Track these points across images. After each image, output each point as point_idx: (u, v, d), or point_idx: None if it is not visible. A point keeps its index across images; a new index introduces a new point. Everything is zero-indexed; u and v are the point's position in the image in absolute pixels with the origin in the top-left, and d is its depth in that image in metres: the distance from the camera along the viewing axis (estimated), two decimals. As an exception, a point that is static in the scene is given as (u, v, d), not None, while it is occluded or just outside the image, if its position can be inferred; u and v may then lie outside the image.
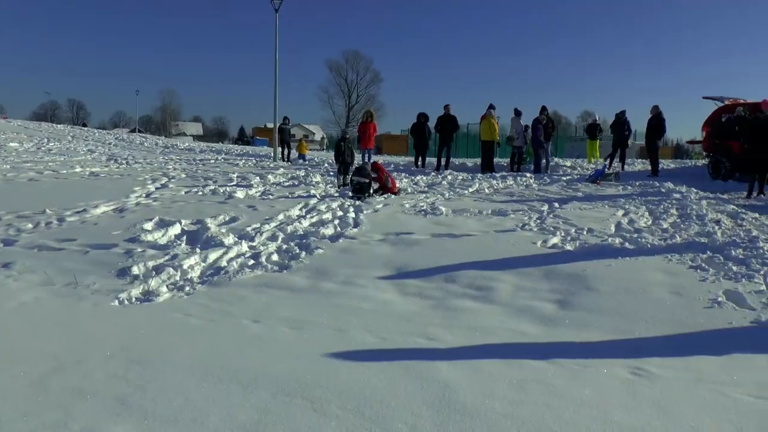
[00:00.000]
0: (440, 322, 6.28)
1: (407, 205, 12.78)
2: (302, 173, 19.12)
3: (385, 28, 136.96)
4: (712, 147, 18.95)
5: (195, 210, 11.67)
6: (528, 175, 19.11)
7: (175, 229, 9.84)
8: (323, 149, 61.01)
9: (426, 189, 15.87)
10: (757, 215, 11.95)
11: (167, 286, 7.38)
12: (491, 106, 20.97)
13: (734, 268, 7.90)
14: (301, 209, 12.20)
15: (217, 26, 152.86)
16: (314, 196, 14.04)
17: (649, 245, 9.14)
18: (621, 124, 21.69)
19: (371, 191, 14.06)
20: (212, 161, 25.13)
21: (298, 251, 8.83)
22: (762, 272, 7.64)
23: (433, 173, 19.70)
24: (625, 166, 22.30)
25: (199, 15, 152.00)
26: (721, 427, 4.13)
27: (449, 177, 18.37)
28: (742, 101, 19.81)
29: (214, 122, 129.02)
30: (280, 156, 27.71)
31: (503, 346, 5.61)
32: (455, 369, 4.96)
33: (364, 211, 11.83)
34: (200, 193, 14.14)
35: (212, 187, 14.95)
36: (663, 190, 15.42)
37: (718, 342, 5.76)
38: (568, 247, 9.09)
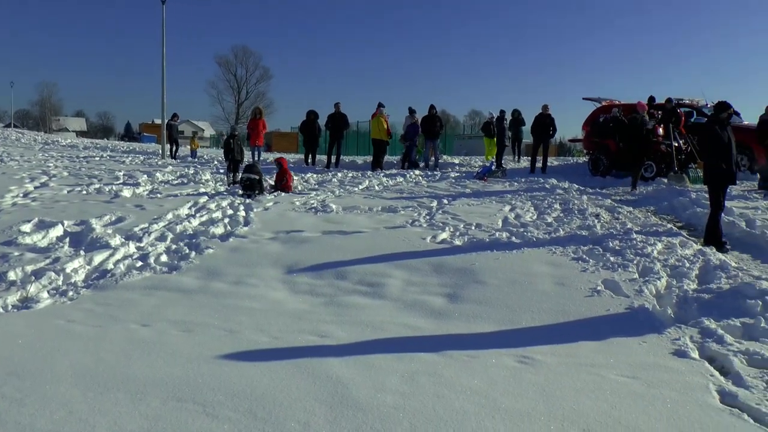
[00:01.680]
0: (332, 318, 6.32)
1: (298, 203, 12.73)
2: (191, 171, 18.68)
3: (274, 24, 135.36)
4: (591, 145, 19.87)
5: (78, 210, 11.18)
6: (417, 172, 19.39)
7: (57, 231, 9.40)
8: (214, 146, 59.80)
9: (316, 187, 15.85)
10: (631, 209, 12.65)
11: (48, 291, 7.05)
12: (381, 105, 21.16)
13: (611, 258, 8.35)
14: (190, 208, 11.94)
15: (101, 17, 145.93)
16: (204, 194, 13.76)
17: (534, 239, 9.50)
18: (517, 123, 22.48)
19: (261, 189, 13.92)
20: (97, 158, 24.16)
21: (187, 251, 8.65)
22: (635, 262, 8.09)
23: (323, 171, 19.69)
24: (511, 164, 23.01)
25: (82, 2, 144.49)
26: (599, 407, 4.38)
27: (340, 175, 18.40)
28: (617, 102, 20.94)
29: (99, 117, 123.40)
30: (168, 153, 26.94)
31: (394, 340, 5.71)
32: (347, 365, 5.00)
33: (255, 210, 11.70)
34: (84, 192, 13.55)
35: (97, 186, 14.36)
36: (547, 186, 16.01)
37: (597, 328, 6.10)
38: (457, 242, 9.32)
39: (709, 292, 7.09)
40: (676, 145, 16.65)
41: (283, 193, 14.30)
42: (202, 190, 14.48)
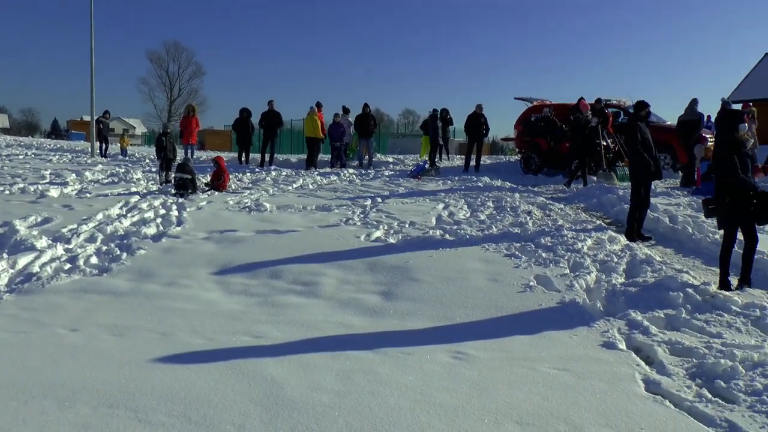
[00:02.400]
0: (266, 318, 6.28)
1: (231, 202, 12.60)
2: (122, 170, 18.26)
3: (207, 20, 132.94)
4: (523, 144, 20.24)
5: (1, 211, 10.79)
6: (351, 171, 19.42)
7: (-25, 234, 9.06)
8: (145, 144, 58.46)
9: (250, 185, 15.71)
10: (562, 206, 12.95)
11: (-33, 297, 6.79)
12: (318, 104, 21.08)
13: (543, 254, 8.54)
14: (121, 208, 11.67)
15: (24, 6, 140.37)
16: (135, 193, 13.48)
17: (467, 236, 9.63)
18: (445, 122, 22.64)
19: (194, 188, 13.72)
20: (21, 157, 23.36)
21: (118, 252, 8.46)
22: (566, 258, 8.31)
23: (257, 169, 19.50)
24: (444, 162, 23.20)
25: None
26: (531, 399, 4.49)
27: (273, 173, 18.27)
28: (548, 102, 21.39)
29: (23, 114, 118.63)
30: (98, 151, 26.19)
31: (329, 339, 5.72)
32: (282, 365, 4.99)
33: (188, 209, 11.53)
34: (7, 192, 13.07)
35: (21, 186, 13.87)
36: (480, 184, 16.25)
37: (529, 323, 6.23)
38: (391, 240, 9.38)
39: (635, 285, 7.34)
40: (605, 144, 17.11)
41: (216, 192, 14.13)
42: (134, 189, 14.18)
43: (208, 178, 14.95)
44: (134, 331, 5.84)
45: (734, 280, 7.44)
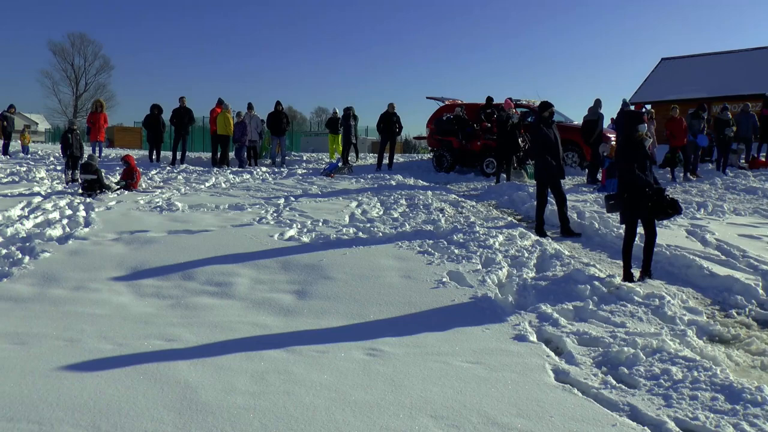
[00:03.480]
0: (179, 321, 6.17)
1: (142, 202, 12.29)
2: (24, 168, 17.49)
3: (115, 11, 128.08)
4: (435, 142, 20.53)
5: None
6: (264, 169, 19.23)
7: None
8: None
9: (161, 184, 15.35)
10: (474, 203, 13.22)
11: None
12: (221, 101, 20.72)
13: (456, 251, 8.70)
14: (23, 209, 11.20)
15: None
16: (38, 193, 12.94)
17: (381, 234, 9.71)
18: (350, 120, 22.65)
19: (102, 187, 13.30)
20: None
21: (20, 256, 8.11)
22: (478, 254, 8.49)
23: (168, 168, 19.06)
24: (359, 160, 23.27)
25: None
26: (445, 393, 4.59)
27: (185, 172, 17.92)
28: (460, 102, 21.78)
29: None
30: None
31: (244, 340, 5.67)
32: (196, 368, 4.92)
33: (96, 209, 11.17)
34: None
35: None
36: (393, 182, 16.36)
37: (442, 318, 6.34)
38: (305, 238, 9.36)
39: (545, 279, 7.58)
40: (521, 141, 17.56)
41: (126, 192, 13.74)
42: (37, 189, 13.60)
43: (118, 177, 14.51)
44: (38, 338, 5.62)
45: (636, 272, 7.79)
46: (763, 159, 19.96)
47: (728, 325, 6.48)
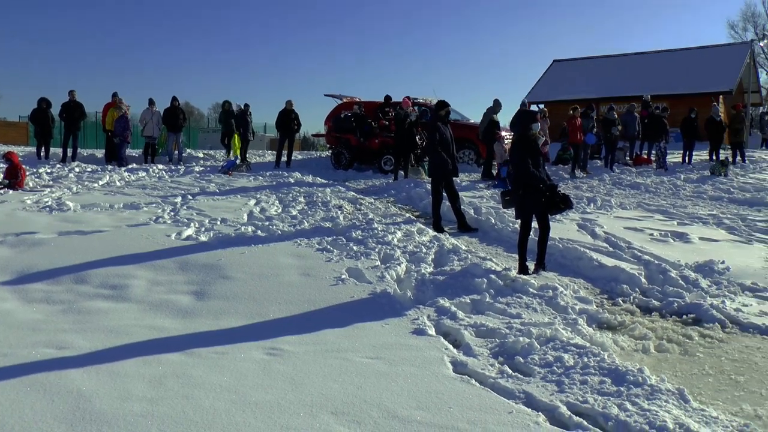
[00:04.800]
0: (71, 327, 5.93)
1: (29, 202, 11.72)
2: None
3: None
4: (333, 140, 20.59)
5: None
6: (161, 166, 18.72)
7: None
8: None
9: (51, 183, 14.68)
10: (372, 200, 13.33)
11: None
12: (115, 94, 20.01)
13: (355, 247, 8.75)
14: None
15: None
16: None
17: (279, 232, 9.66)
18: (241, 118, 22.32)
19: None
20: None
21: None
22: (377, 250, 8.57)
23: (59, 165, 18.23)
24: (254, 158, 23.00)
25: None
26: (345, 389, 4.62)
27: (77, 169, 17.17)
28: (357, 99, 21.91)
29: None
30: None
31: (140, 344, 5.51)
32: (89, 376, 4.75)
33: (-24, 212, 10.59)
34: None
35: None
36: (292, 180, 16.29)
37: (342, 315, 6.37)
38: (203, 237, 9.21)
39: (443, 274, 7.74)
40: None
41: (11, 191, 13.06)
42: None
43: (0, 176, 13.76)
44: None
45: (531, 265, 8.07)
46: (646, 156, 21.07)
47: (615, 313, 6.85)
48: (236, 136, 20.61)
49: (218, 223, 10.26)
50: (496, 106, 17.33)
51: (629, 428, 4.09)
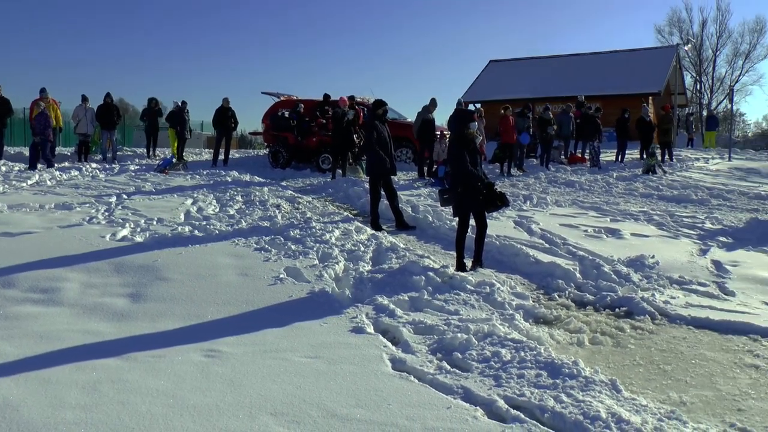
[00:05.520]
0: (-1, 333, 5.74)
1: (-50, 204, 11.30)
2: None
3: None
4: (271, 138, 20.45)
5: None
6: (94, 165, 18.27)
7: None
8: None
9: (-26, 184, 14.17)
10: (310, 199, 13.30)
11: None
12: (43, 90, 19.39)
13: (293, 247, 8.72)
14: None
15: None
16: None
17: (217, 231, 9.55)
18: (178, 116, 21.94)
19: None
20: None
21: None
22: (315, 249, 8.56)
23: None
24: (191, 157, 22.67)
25: None
26: (284, 389, 4.60)
27: (3, 168, 16.62)
28: (295, 97, 21.81)
29: None
30: None
31: (73, 349, 5.36)
32: (18, 384, 4.59)
33: None
34: None
35: None
36: (229, 179, 16.12)
37: (281, 315, 6.34)
38: (139, 238, 9.03)
39: (381, 272, 7.78)
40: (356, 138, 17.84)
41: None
42: None
43: None
44: None
45: (468, 262, 8.18)
46: (580, 155, 21.60)
47: (551, 308, 7.02)
48: (172, 133, 20.27)
49: (154, 223, 10.08)
50: (432, 105, 17.47)
51: (564, 419, 4.20)
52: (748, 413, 4.59)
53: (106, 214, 10.71)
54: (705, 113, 50.84)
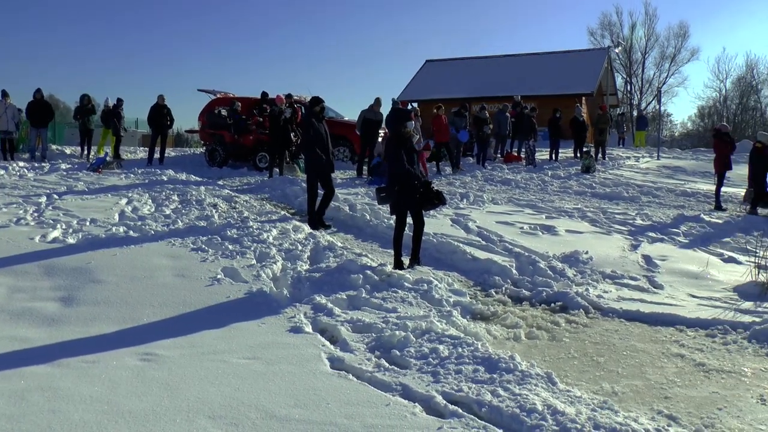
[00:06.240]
0: None
1: None
2: None
3: None
4: (207, 136, 20.15)
5: None
6: (22, 164, 17.67)
7: None
8: None
9: None
10: (248, 198, 13.17)
11: None
12: None
13: (230, 246, 8.63)
14: None
15: None
16: None
17: (153, 232, 9.38)
18: (114, 113, 21.41)
19: None
20: None
21: None
22: (252, 248, 8.48)
23: None
24: (126, 155, 22.17)
25: None
26: (222, 392, 4.56)
27: None
28: (232, 95, 21.54)
29: None
30: None
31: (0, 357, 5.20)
32: (-60, 394, 4.42)
33: None
34: None
35: None
36: (165, 177, 15.79)
37: (218, 316, 6.28)
38: (71, 239, 8.79)
39: (319, 271, 7.77)
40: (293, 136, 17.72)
41: None
42: None
43: None
44: None
45: (406, 260, 8.24)
46: (516, 154, 21.97)
47: (488, 304, 7.16)
48: (105, 131, 19.77)
49: (87, 223, 9.81)
50: (376, 104, 17.49)
51: (501, 413, 4.29)
52: (674, 400, 4.82)
53: (36, 215, 10.37)
54: (635, 113, 52.31)
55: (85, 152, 20.79)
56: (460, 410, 4.33)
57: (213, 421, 4.11)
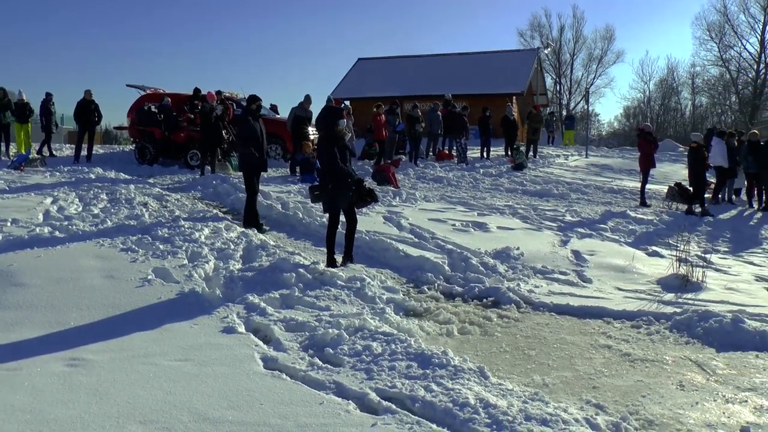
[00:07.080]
0: None
1: None
2: None
3: None
4: (137, 133, 19.69)
5: None
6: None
7: None
8: None
9: None
10: (179, 196, 12.93)
11: None
12: None
13: (161, 246, 8.48)
14: None
15: None
16: None
17: (80, 232, 9.13)
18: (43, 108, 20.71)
19: None
20: None
21: None
22: (184, 248, 8.35)
23: None
24: (54, 153, 21.50)
25: None
26: (154, 395, 4.49)
27: None
28: (162, 91, 21.10)
29: None
30: None
31: None
32: None
33: None
34: None
35: None
36: (93, 175, 15.35)
37: (149, 317, 6.17)
38: (-10, 241, 8.47)
39: (252, 270, 7.72)
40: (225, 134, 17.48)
41: None
42: None
43: None
44: None
45: (339, 258, 8.25)
46: (448, 152, 22.22)
47: (421, 300, 7.25)
48: (18, 127, 19.04)
49: (8, 224, 9.45)
50: (306, 102, 17.41)
51: (435, 408, 4.36)
52: (602, 390, 5.01)
53: (-50, 216, 9.95)
54: (564, 113, 53.63)
55: (2, 149, 20.01)
56: (394, 406, 4.37)
57: (144, 426, 4.04)
